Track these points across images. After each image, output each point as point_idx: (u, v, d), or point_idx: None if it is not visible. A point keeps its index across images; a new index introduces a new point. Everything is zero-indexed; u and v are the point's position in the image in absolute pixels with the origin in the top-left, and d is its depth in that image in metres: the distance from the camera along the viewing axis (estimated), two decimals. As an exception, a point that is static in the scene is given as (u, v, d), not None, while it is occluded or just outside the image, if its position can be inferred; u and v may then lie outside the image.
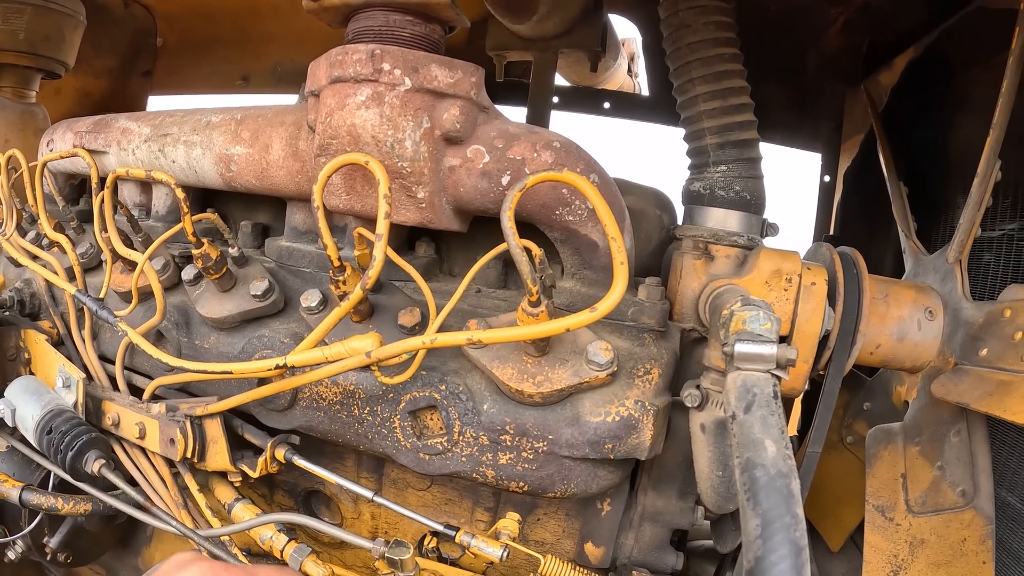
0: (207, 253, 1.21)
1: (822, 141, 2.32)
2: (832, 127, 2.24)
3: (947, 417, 1.27)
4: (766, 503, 0.78)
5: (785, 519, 0.76)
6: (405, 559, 1.06)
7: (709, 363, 1.11)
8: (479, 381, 1.12)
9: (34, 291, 1.55)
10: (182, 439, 1.23)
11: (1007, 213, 1.48)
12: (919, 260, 1.41)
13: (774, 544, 0.73)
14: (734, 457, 0.89)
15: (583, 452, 1.09)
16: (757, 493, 0.79)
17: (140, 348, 1.21)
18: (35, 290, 1.55)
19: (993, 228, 1.47)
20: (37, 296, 1.55)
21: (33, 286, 1.55)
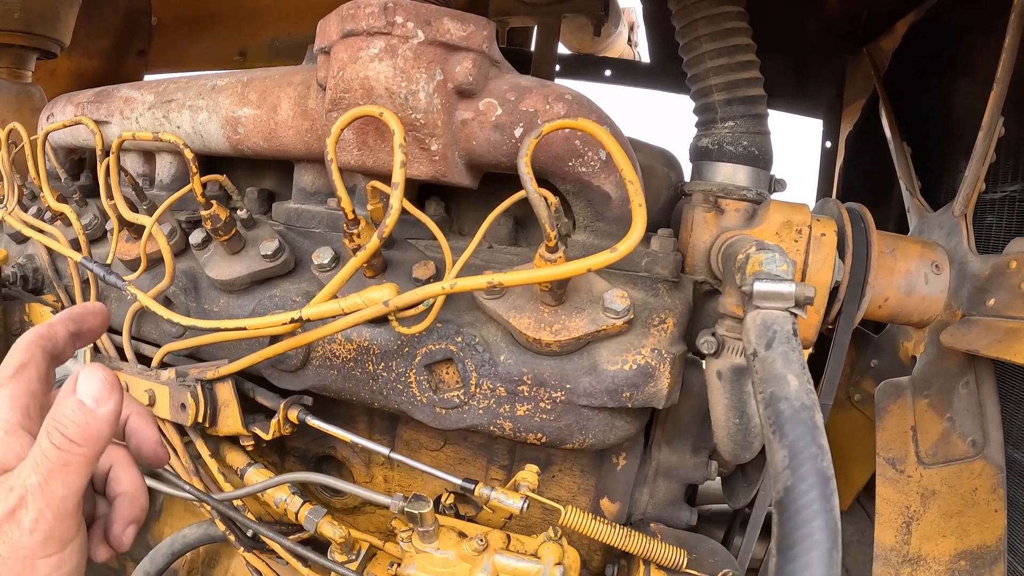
0: (216, 214, 1.20)
1: (823, 108, 2.33)
2: (833, 94, 2.26)
3: (955, 369, 1.29)
4: (792, 434, 0.78)
5: (812, 449, 0.76)
6: (424, 512, 1.06)
7: (724, 310, 1.12)
8: (495, 333, 1.12)
9: (37, 266, 1.53)
10: (193, 404, 1.22)
11: (1008, 175, 1.50)
12: (924, 217, 1.43)
13: (803, 473, 0.74)
14: (756, 393, 0.90)
15: (601, 401, 1.09)
16: (783, 425, 0.80)
17: (151, 311, 1.19)
18: (38, 265, 1.53)
19: (995, 190, 1.49)
20: (40, 271, 1.53)
21: (36, 261, 1.54)
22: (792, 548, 0.68)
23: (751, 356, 0.94)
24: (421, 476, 1.35)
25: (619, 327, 1.08)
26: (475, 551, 1.09)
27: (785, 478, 0.75)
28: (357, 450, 1.37)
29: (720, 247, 1.19)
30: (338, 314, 1.05)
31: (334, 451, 1.37)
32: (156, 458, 0.81)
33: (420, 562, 1.11)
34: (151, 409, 1.27)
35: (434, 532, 1.10)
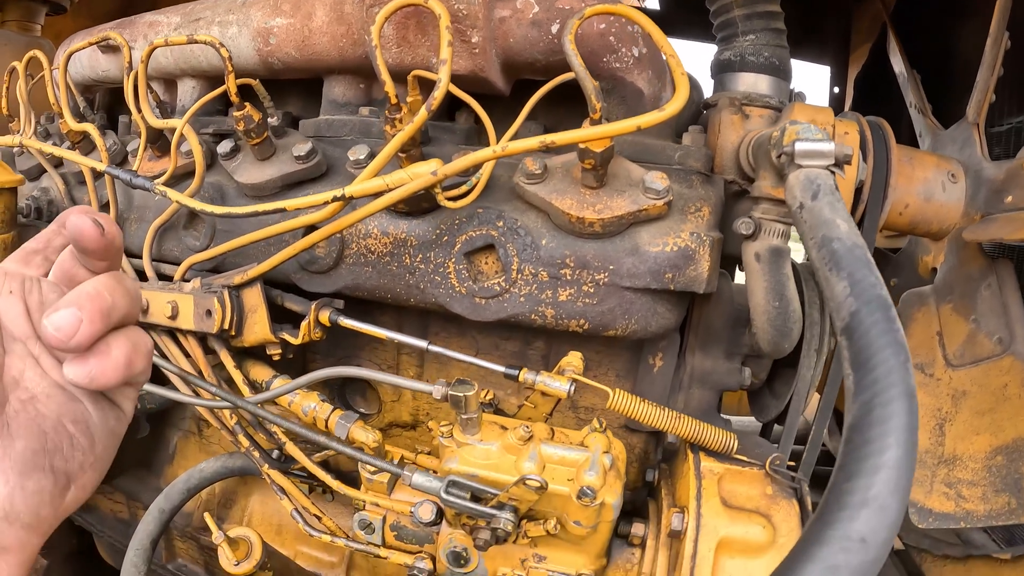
0: (249, 115, 1.19)
1: (830, 54, 2.37)
2: (840, 40, 2.31)
3: (976, 273, 1.32)
4: (849, 267, 0.80)
5: (870, 279, 0.77)
6: (469, 395, 1.04)
7: (759, 193, 1.13)
8: (536, 220, 1.12)
9: (51, 198, 1.50)
10: (219, 308, 1.19)
11: (1013, 108, 1.56)
12: (937, 135, 1.47)
13: (866, 299, 0.74)
14: (807, 241, 0.91)
15: (644, 282, 1.09)
16: (839, 260, 0.81)
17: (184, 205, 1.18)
18: (52, 197, 1.51)
19: (1001, 123, 1.55)
20: (55, 203, 1.50)
21: (51, 193, 1.51)
22: (868, 363, 0.68)
23: (797, 210, 0.95)
24: (452, 388, 1.32)
25: (659, 208, 1.09)
26: (520, 440, 1.06)
27: (849, 305, 0.76)
28: (384, 367, 1.34)
29: (749, 142, 1.21)
30: (383, 190, 1.04)
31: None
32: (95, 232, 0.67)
33: (462, 455, 1.08)
34: (173, 323, 1.24)
35: (477, 421, 1.08)
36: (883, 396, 0.63)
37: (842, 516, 0.55)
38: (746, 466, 1.11)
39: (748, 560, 1.05)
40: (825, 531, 0.55)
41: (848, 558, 0.53)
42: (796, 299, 1.14)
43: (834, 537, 0.54)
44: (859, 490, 0.56)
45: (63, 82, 1.38)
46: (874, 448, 0.59)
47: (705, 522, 1.05)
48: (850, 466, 0.59)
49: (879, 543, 0.54)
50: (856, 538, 0.54)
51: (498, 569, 1.16)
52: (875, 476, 0.57)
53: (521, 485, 0.98)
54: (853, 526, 0.54)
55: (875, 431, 0.60)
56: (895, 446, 0.58)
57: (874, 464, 0.58)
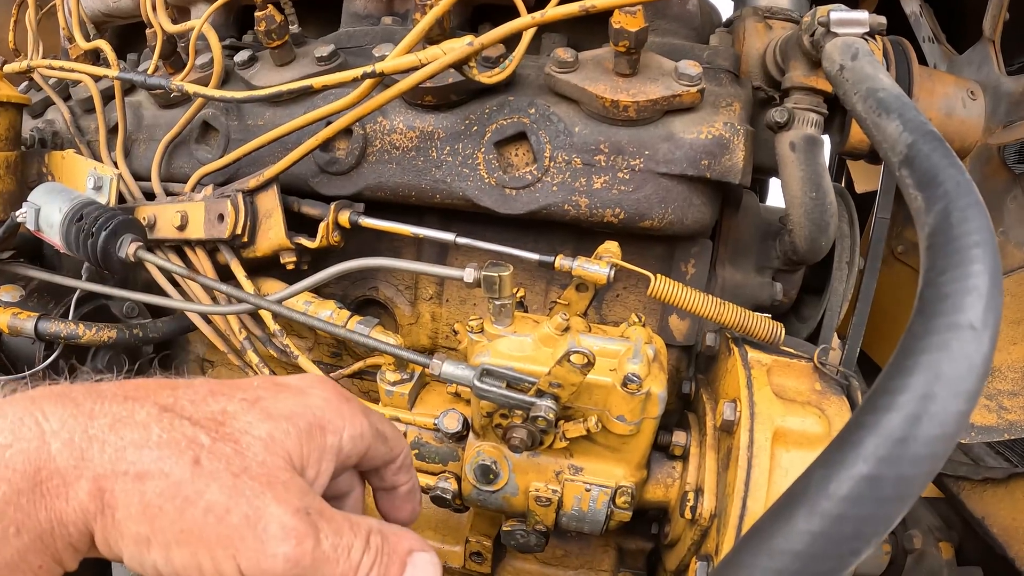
0: (271, 15, 1.16)
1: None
2: None
3: (1001, 186, 1.31)
4: (899, 108, 0.82)
5: (920, 117, 0.79)
6: (504, 275, 0.98)
7: (791, 83, 1.12)
8: (568, 109, 1.09)
9: (56, 130, 1.45)
10: (232, 212, 1.14)
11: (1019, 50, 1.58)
12: (952, 61, 1.49)
13: (921, 131, 0.75)
14: (851, 96, 0.91)
15: (681, 168, 1.06)
16: (888, 105, 0.83)
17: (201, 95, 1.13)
18: (57, 128, 1.46)
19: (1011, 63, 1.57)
20: (60, 135, 1.45)
21: (56, 125, 1.46)
22: (935, 179, 0.67)
23: (837, 72, 0.95)
24: (473, 310, 1.26)
25: (693, 96, 1.07)
26: (558, 330, 1.00)
27: (905, 139, 0.77)
28: (401, 288, 1.28)
29: (774, 46, 1.21)
30: (415, 66, 1.01)
31: (376, 291, 1.28)
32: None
33: (495, 348, 1.01)
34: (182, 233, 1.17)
35: (510, 308, 1.02)
36: (959, 202, 0.61)
37: (945, 306, 0.51)
38: (794, 359, 1.06)
39: (806, 453, 0.98)
40: (930, 321, 0.51)
41: (961, 345, 0.49)
42: (832, 191, 1.12)
43: (941, 326, 0.50)
44: (958, 279, 0.53)
45: (75, 7, 1.35)
46: (962, 244, 0.56)
47: (759, 410, 0.98)
48: (941, 262, 0.56)
49: (988, 334, 0.50)
50: (965, 324, 0.50)
51: (530, 484, 1.07)
52: (970, 267, 0.54)
53: (565, 363, 0.91)
54: (960, 314, 0.50)
55: (959, 230, 0.58)
56: (983, 243, 0.56)
57: (966, 256, 0.55)
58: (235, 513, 0.48)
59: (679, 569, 1.09)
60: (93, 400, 0.50)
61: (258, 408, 0.55)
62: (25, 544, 0.46)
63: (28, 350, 1.28)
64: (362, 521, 0.54)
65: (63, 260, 1.47)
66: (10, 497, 0.45)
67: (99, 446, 0.48)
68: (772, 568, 0.47)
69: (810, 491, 0.48)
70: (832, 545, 0.46)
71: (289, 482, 0.51)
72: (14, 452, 0.46)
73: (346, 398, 0.61)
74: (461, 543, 1.29)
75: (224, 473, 0.49)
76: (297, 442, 0.54)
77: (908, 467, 0.46)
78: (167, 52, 1.27)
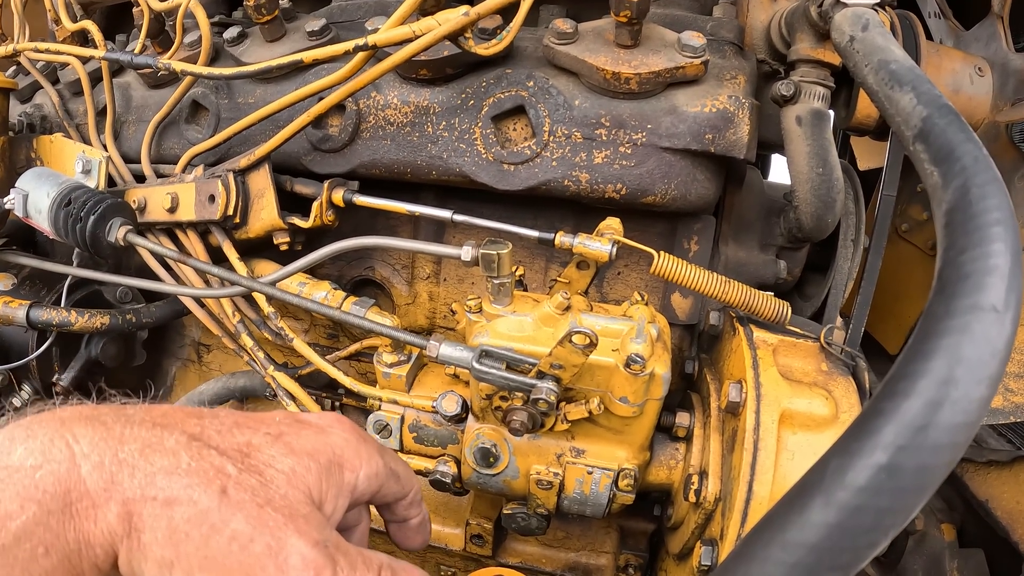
0: (261, -11, 1.12)
1: None
2: None
3: (1009, 165, 1.28)
4: (912, 80, 0.80)
5: (934, 90, 0.77)
6: (503, 253, 0.95)
7: (798, 56, 1.09)
8: (567, 82, 1.06)
9: (45, 114, 1.42)
10: (223, 192, 1.11)
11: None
12: (960, 36, 1.46)
13: (936, 105, 0.73)
14: (863, 68, 0.88)
15: (684, 142, 1.03)
16: (900, 77, 0.81)
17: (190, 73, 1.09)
18: (46, 112, 1.42)
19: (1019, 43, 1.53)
20: (49, 119, 1.41)
21: (44, 109, 1.42)
22: (952, 154, 0.65)
23: (847, 43, 0.92)
24: (471, 289, 1.23)
25: (696, 67, 1.04)
26: (558, 309, 0.98)
27: (919, 112, 0.75)
28: (398, 267, 1.25)
29: (779, 18, 1.17)
30: (409, 37, 0.97)
31: (372, 271, 1.26)
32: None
33: (494, 329, 0.99)
34: (173, 216, 1.15)
35: (509, 288, 0.99)
36: (977, 179, 0.59)
37: (967, 286, 0.49)
38: (800, 338, 1.03)
39: (812, 435, 0.96)
40: (951, 303, 0.49)
41: (984, 328, 0.47)
42: (839, 167, 1.09)
43: (962, 308, 0.48)
44: (979, 258, 0.51)
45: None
46: (982, 222, 0.54)
47: (766, 392, 0.96)
48: (961, 241, 0.53)
49: (1010, 316, 0.48)
50: (987, 306, 0.48)
51: (531, 467, 1.06)
52: (991, 246, 0.52)
53: (567, 344, 0.88)
54: (981, 295, 0.48)
55: (978, 207, 0.56)
56: (1003, 221, 0.53)
57: (987, 235, 0.52)
58: (258, 543, 0.49)
59: (682, 552, 1.08)
60: (123, 424, 0.52)
61: (281, 443, 0.57)
62: (53, 564, 0.47)
63: (21, 339, 1.26)
64: (374, 556, 0.56)
65: (56, 246, 1.44)
66: (40, 518, 0.46)
67: (129, 471, 0.49)
68: (786, 561, 0.45)
69: (826, 481, 0.46)
70: (849, 538, 0.44)
71: (309, 516, 0.53)
72: (44, 473, 0.47)
73: (364, 438, 0.64)
74: (462, 526, 1.28)
75: (249, 504, 0.50)
76: (317, 478, 0.56)
77: (928, 456, 0.43)
78: (155, 31, 1.23)
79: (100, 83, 1.30)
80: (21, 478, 0.47)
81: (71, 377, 1.27)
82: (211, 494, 0.50)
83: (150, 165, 1.23)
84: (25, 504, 0.46)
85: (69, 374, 1.27)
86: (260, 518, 0.50)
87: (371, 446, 0.64)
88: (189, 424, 0.55)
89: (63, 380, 1.27)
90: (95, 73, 1.33)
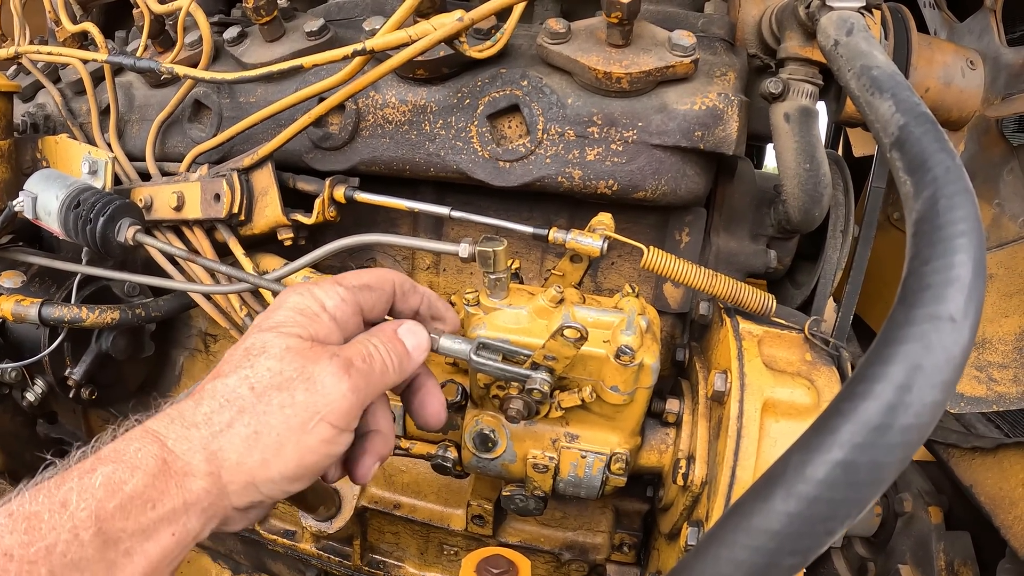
0: (260, -11, 1.15)
1: None
2: None
3: (998, 158, 1.31)
4: (892, 88, 0.81)
5: (913, 99, 0.78)
6: (499, 250, 0.99)
7: (786, 54, 1.11)
8: (560, 81, 1.09)
9: (48, 113, 1.45)
10: (228, 191, 1.14)
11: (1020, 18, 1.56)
12: (953, 28, 1.47)
13: (913, 113, 0.74)
14: (845, 73, 0.90)
15: (674, 139, 1.06)
16: (881, 84, 0.83)
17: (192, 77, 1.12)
18: (48, 112, 1.45)
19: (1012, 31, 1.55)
20: (52, 118, 1.44)
21: (47, 108, 1.46)
22: (924, 164, 0.67)
23: (832, 47, 0.95)
24: (469, 279, 1.27)
25: (687, 66, 1.07)
26: (552, 302, 1.01)
27: (896, 120, 0.77)
28: (398, 259, 1.29)
29: (770, 14, 1.20)
30: (405, 42, 1.00)
31: (373, 263, 1.30)
32: (436, 419, 0.87)
33: (491, 321, 1.03)
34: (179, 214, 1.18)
35: (505, 282, 1.03)
36: (946, 189, 0.61)
37: (927, 296, 0.52)
38: (785, 329, 1.07)
39: (794, 423, 1.00)
40: (911, 312, 0.52)
41: (940, 337, 0.50)
42: (826, 162, 1.12)
43: (921, 316, 0.51)
44: (941, 270, 0.54)
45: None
46: (947, 233, 0.57)
47: (749, 381, 1.00)
48: (925, 251, 0.56)
49: (968, 325, 0.51)
50: (945, 316, 0.51)
51: (528, 452, 1.10)
52: (954, 257, 0.54)
53: (559, 337, 0.92)
54: (940, 305, 0.51)
55: (944, 218, 0.58)
56: (968, 232, 0.56)
57: (950, 247, 0.55)
58: (298, 392, 0.66)
59: (672, 532, 1.13)
60: (178, 409, 0.66)
61: (266, 332, 0.70)
62: (160, 515, 0.59)
63: (33, 335, 1.30)
64: (360, 339, 0.74)
65: (62, 242, 1.48)
66: (148, 481, 0.59)
67: (195, 429, 0.64)
68: (750, 545, 0.49)
69: (788, 473, 0.50)
70: (807, 525, 0.48)
71: (313, 349, 0.68)
72: (144, 454, 0.61)
73: (316, 284, 0.76)
74: (463, 507, 1.33)
75: (270, 380, 0.66)
76: (302, 328, 0.70)
77: (882, 454, 0.47)
78: (155, 32, 1.26)
79: (102, 82, 1.33)
80: (129, 458, 0.60)
81: (83, 371, 1.32)
82: (244, 394, 0.66)
83: (155, 163, 1.27)
84: (134, 472, 0.59)
85: (81, 368, 1.32)
86: (284, 381, 0.66)
87: (325, 283, 0.75)
88: (208, 381, 0.69)
89: (75, 374, 1.31)
90: (97, 73, 1.36)
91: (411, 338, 0.79)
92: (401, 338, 0.78)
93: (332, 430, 0.67)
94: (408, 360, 0.78)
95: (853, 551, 1.59)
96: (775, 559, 0.49)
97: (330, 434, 0.67)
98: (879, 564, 1.50)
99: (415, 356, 0.79)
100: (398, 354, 0.76)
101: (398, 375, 0.76)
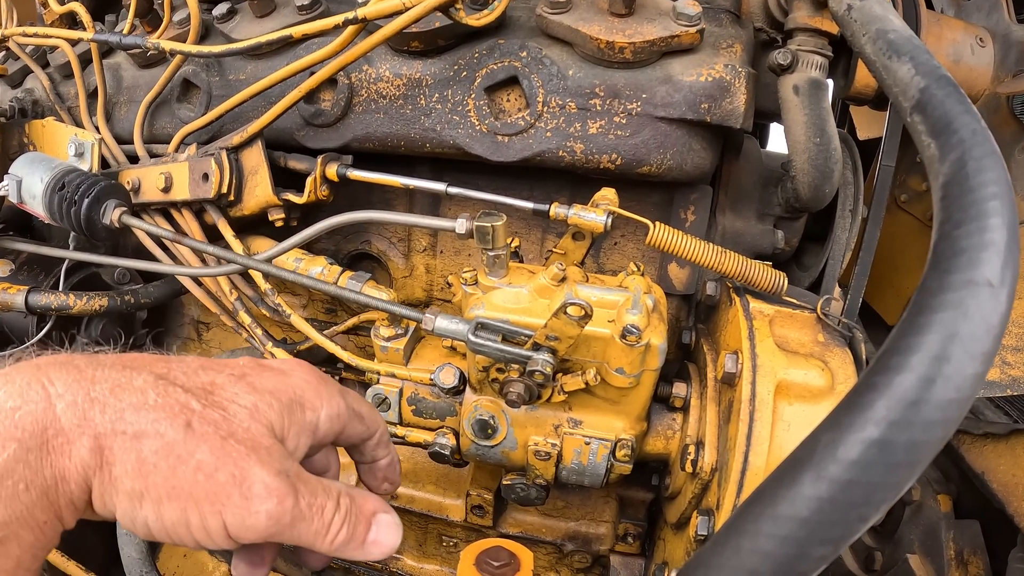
0: (247, -39, 1.10)
1: None
2: None
3: (1009, 137, 1.27)
4: (910, 51, 0.78)
5: (932, 61, 0.75)
6: (497, 225, 0.95)
7: (795, 24, 1.07)
8: (561, 52, 1.04)
9: (36, 98, 1.40)
10: (217, 171, 1.10)
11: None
12: (960, 6, 1.44)
13: (934, 76, 0.71)
14: (860, 38, 0.87)
15: (680, 112, 1.02)
16: (898, 47, 0.80)
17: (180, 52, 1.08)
18: (37, 97, 1.41)
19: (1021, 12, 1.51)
20: (40, 103, 1.40)
21: (35, 93, 1.41)
22: (950, 127, 0.64)
23: (845, 12, 0.91)
24: (468, 261, 1.23)
25: (692, 36, 1.02)
26: (554, 280, 0.97)
27: (917, 83, 0.73)
28: (394, 241, 1.25)
29: (778, -15, 1.15)
30: (399, 10, 0.96)
31: (368, 245, 1.25)
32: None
33: (489, 301, 0.99)
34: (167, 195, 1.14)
35: (504, 259, 0.99)
36: (975, 152, 0.58)
37: (961, 261, 0.48)
38: (796, 309, 1.03)
39: (809, 406, 0.96)
40: (946, 277, 0.48)
41: (978, 304, 0.46)
42: (836, 136, 1.08)
43: (957, 282, 0.47)
44: (974, 233, 0.50)
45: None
46: (979, 196, 0.53)
47: (762, 362, 0.96)
48: (957, 215, 0.52)
49: (1005, 292, 0.47)
50: (982, 281, 0.47)
51: (529, 438, 1.06)
52: (987, 220, 0.51)
53: (561, 316, 0.88)
54: (976, 270, 0.47)
55: (975, 180, 0.55)
56: (1000, 195, 0.52)
57: (983, 209, 0.52)
58: (223, 472, 0.52)
59: (680, 522, 1.09)
60: (94, 367, 0.54)
61: (244, 382, 0.59)
62: (32, 500, 0.49)
63: (22, 324, 1.26)
64: (333, 485, 0.60)
65: (53, 230, 1.44)
66: (20, 455, 0.49)
67: (100, 408, 0.52)
68: (777, 535, 0.45)
69: (817, 455, 0.46)
70: (840, 512, 0.44)
71: (271, 447, 0.56)
72: (23, 414, 0.49)
73: (324, 380, 0.65)
74: (462, 497, 1.29)
75: (213, 436, 0.53)
76: (279, 415, 0.58)
77: (920, 431, 0.44)
78: (143, 10, 1.21)
79: (90, 65, 1.29)
80: (1, 419, 0.49)
81: (70, 359, 1.27)
82: (176, 427, 0.52)
83: (143, 145, 1.22)
84: (6, 443, 0.48)
85: (68, 356, 1.27)
86: (224, 449, 0.53)
87: (332, 387, 0.65)
88: (157, 366, 0.57)
89: (61, 362, 1.27)
90: (85, 55, 1.32)
91: (383, 534, 0.62)
92: (372, 523, 0.62)
93: (222, 534, 0.53)
94: (358, 549, 0.61)
95: (859, 540, 1.56)
96: (804, 549, 0.45)
97: (218, 536, 0.53)
98: (886, 554, 1.47)
99: (369, 550, 0.62)
100: (352, 535, 0.60)
101: (330, 550, 0.59)
